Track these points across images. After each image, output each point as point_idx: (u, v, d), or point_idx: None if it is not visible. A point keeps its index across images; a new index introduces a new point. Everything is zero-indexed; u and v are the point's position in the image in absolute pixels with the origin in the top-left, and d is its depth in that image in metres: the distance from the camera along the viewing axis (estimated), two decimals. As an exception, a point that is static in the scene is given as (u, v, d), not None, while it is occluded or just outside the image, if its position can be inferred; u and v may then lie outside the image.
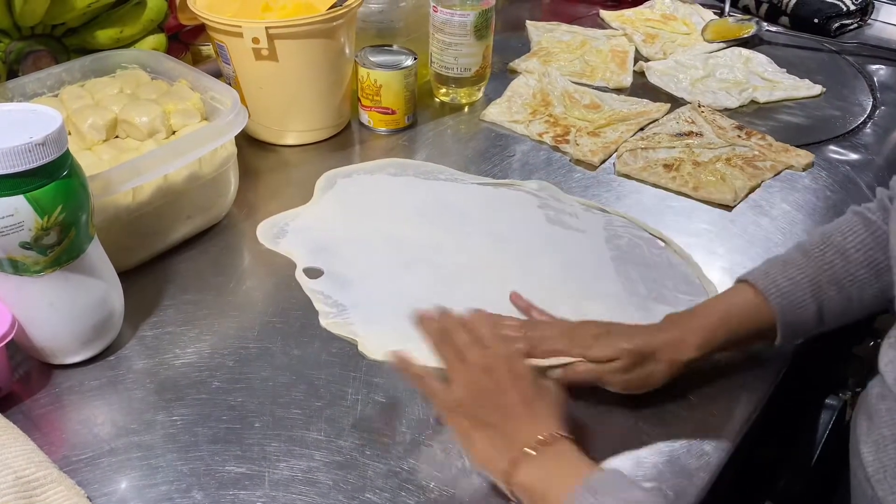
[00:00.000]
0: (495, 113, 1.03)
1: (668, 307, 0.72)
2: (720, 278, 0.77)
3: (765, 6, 1.33)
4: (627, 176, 0.91)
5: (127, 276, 0.70)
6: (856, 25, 1.29)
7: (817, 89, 1.11)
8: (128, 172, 0.67)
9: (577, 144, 0.96)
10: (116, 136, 0.79)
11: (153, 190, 0.72)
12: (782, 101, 1.10)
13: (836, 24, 1.27)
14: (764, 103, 1.09)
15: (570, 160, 0.95)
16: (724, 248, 0.81)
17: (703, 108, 1.03)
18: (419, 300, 0.65)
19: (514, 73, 1.14)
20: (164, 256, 0.77)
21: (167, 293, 0.73)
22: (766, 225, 0.85)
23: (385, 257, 0.78)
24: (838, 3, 1.28)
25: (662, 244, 0.82)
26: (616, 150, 0.95)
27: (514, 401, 0.52)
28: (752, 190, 0.90)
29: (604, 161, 0.94)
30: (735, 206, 0.87)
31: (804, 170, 0.94)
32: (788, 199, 0.88)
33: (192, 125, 0.79)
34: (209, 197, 0.78)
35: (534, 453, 0.50)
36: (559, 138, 0.98)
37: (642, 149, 0.94)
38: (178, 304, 0.72)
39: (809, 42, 1.25)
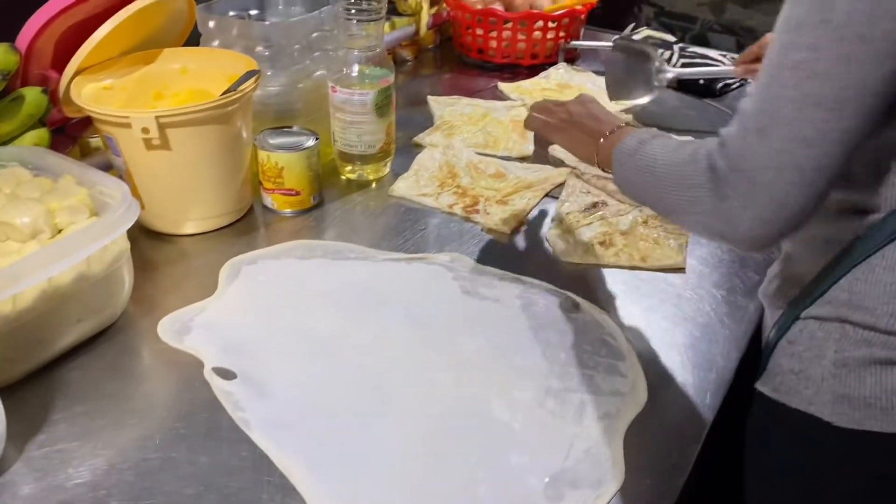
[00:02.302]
0: (403, 188, 1.02)
1: (590, 371, 0.72)
2: (638, 338, 0.77)
3: (652, 70, 1.39)
4: (576, 263, 0.89)
5: (10, 390, 0.64)
6: (738, 84, 1.37)
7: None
8: (6, 279, 0.61)
9: (488, 213, 0.96)
10: (-5, 240, 0.73)
11: (36, 295, 0.67)
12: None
13: (720, 85, 1.34)
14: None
15: (481, 230, 0.94)
16: (638, 308, 0.82)
17: (583, 174, 1.05)
18: (340, 410, 0.66)
19: (419, 146, 1.15)
20: (52, 365, 0.71)
21: (57, 406, 0.67)
22: (676, 281, 0.86)
23: (301, 358, 0.73)
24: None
25: (578, 307, 0.81)
26: (526, 217, 0.96)
27: (592, 112, 0.79)
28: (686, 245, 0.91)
29: (515, 229, 0.95)
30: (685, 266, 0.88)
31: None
32: (694, 254, 0.90)
33: (80, 222, 0.74)
34: (101, 297, 0.73)
35: (610, 134, 0.74)
36: (469, 209, 0.98)
37: (566, 232, 0.94)
38: (70, 417, 0.66)
39: (697, 103, 1.32)
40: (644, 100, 1.25)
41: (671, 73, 1.27)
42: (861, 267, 0.61)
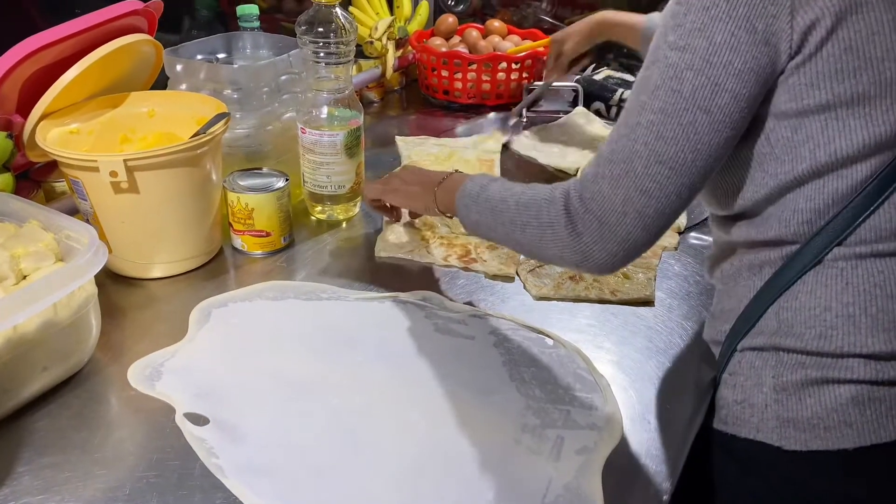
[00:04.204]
0: (389, 247, 0.98)
1: (565, 406, 0.72)
2: (611, 371, 0.78)
3: (614, 109, 1.43)
4: (548, 298, 0.90)
5: (-29, 444, 0.61)
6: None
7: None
8: (-31, 327, 0.60)
9: (484, 261, 0.96)
10: (-43, 288, 0.71)
11: (1, 343, 0.65)
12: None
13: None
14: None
15: (485, 277, 0.93)
16: (609, 342, 0.82)
17: None
18: (315, 454, 0.65)
19: None
20: (16, 415, 0.69)
21: (21, 458, 0.65)
22: (646, 314, 0.87)
23: (275, 401, 0.72)
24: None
25: (551, 342, 0.82)
26: (519, 257, 0.96)
27: (419, 172, 0.89)
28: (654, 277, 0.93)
29: (517, 268, 0.95)
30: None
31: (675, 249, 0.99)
32: (662, 287, 0.92)
33: (46, 268, 0.73)
34: (68, 344, 0.72)
35: (443, 180, 0.82)
36: (465, 258, 0.96)
37: (538, 266, 0.94)
38: (35, 470, 0.64)
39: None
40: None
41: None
42: (785, 295, 0.65)
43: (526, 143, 1.27)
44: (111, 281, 0.89)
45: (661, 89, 0.60)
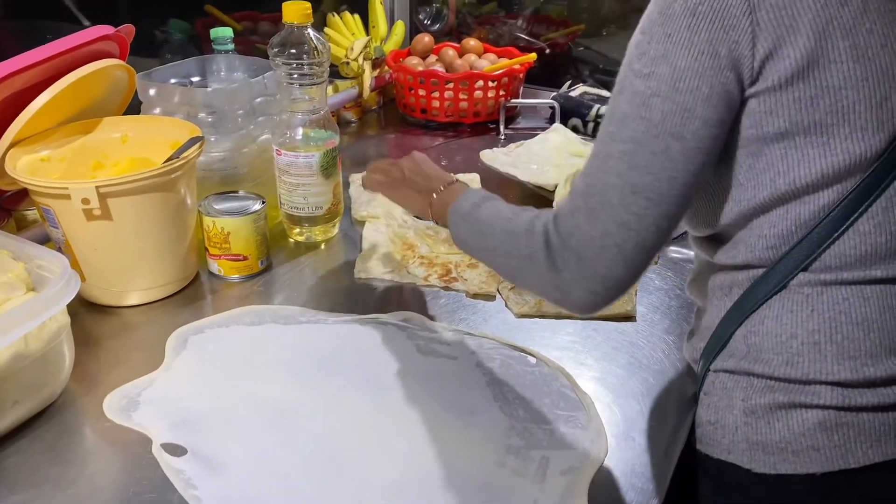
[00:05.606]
0: (368, 269, 0.98)
1: (550, 426, 0.72)
2: (595, 389, 0.77)
3: (591, 125, 1.44)
4: (530, 316, 0.89)
5: (-62, 483, 0.59)
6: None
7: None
8: (-65, 363, 0.58)
9: (465, 280, 0.95)
10: (-77, 321, 0.69)
11: (-31, 377, 0.63)
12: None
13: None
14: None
15: (467, 296, 0.93)
16: (592, 358, 0.82)
17: None
18: (297, 483, 0.64)
19: (360, 222, 1.09)
20: (-14, 452, 0.67)
21: (-9, 496, 0.63)
22: (628, 329, 0.87)
23: (254, 430, 0.71)
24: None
25: (533, 360, 0.81)
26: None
27: (423, 170, 0.84)
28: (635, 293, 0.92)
29: (498, 286, 0.94)
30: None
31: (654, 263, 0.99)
32: (644, 302, 0.92)
33: (16, 298, 0.71)
34: (39, 376, 0.70)
35: (441, 189, 0.80)
36: (445, 277, 0.96)
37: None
38: (6, 508, 0.62)
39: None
40: None
41: None
42: (752, 319, 0.65)
43: (504, 160, 1.27)
44: (85, 309, 0.88)
45: (630, 118, 0.59)
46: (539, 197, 1.16)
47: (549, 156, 1.27)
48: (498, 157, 1.28)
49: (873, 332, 0.61)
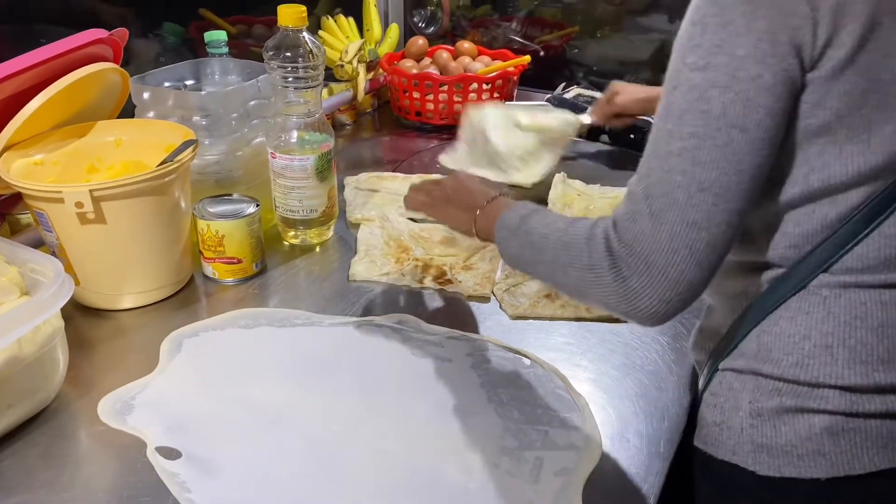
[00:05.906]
0: (363, 271, 0.98)
1: (544, 427, 0.72)
2: (589, 390, 0.77)
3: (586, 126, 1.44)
4: (524, 317, 0.89)
5: (-68, 488, 0.59)
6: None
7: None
8: (-72, 367, 0.58)
9: (460, 282, 0.95)
10: (-83, 326, 0.69)
11: (-37, 382, 0.63)
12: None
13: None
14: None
15: (462, 298, 0.93)
16: (586, 359, 0.82)
17: None
18: (291, 486, 0.64)
19: (355, 225, 1.10)
20: (-20, 456, 0.67)
21: (-14, 500, 0.63)
22: (622, 331, 0.87)
23: (249, 432, 0.71)
24: (650, 120, 1.41)
25: (528, 362, 0.81)
26: (495, 277, 0.96)
27: (466, 186, 0.82)
28: None
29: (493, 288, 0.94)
30: None
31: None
32: (638, 303, 0.92)
33: (10, 302, 0.71)
34: (33, 380, 0.70)
35: (485, 205, 0.76)
36: (440, 280, 0.96)
37: (514, 286, 0.94)
38: (1, 512, 0.62)
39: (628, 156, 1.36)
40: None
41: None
42: (767, 319, 0.64)
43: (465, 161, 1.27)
44: (79, 313, 0.88)
45: (688, 113, 0.56)
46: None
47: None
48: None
49: (887, 338, 0.60)
